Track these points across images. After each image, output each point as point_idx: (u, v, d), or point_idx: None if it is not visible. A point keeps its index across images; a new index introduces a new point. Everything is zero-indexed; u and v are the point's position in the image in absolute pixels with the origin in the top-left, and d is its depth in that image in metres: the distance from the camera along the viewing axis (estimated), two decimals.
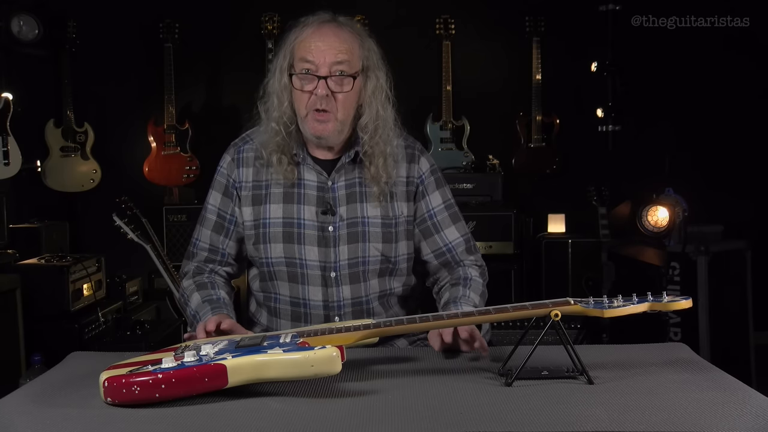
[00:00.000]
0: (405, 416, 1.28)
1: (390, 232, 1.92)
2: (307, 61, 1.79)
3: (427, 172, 1.98)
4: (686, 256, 3.71)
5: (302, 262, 1.89)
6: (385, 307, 1.98)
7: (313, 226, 1.89)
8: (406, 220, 1.94)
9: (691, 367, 1.55)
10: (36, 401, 1.41)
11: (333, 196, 1.90)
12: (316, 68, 1.79)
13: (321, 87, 1.78)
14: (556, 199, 4.60)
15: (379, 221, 1.91)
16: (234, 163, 1.94)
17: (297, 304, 1.92)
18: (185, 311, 1.98)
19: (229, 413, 1.31)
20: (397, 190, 1.93)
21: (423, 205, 1.97)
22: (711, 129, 4.57)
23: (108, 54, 4.60)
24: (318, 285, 1.89)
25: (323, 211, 1.88)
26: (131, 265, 4.06)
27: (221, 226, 1.96)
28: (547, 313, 1.47)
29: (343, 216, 1.89)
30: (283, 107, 1.85)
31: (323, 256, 1.88)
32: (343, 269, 1.89)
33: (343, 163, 1.91)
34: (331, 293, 1.90)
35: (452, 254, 1.99)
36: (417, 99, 4.51)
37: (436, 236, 1.98)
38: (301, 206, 1.89)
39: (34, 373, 2.55)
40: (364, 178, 1.91)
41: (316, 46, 1.79)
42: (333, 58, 1.78)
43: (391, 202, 1.92)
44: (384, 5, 4.66)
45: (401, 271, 1.98)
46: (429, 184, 1.97)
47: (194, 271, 1.98)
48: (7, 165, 3.77)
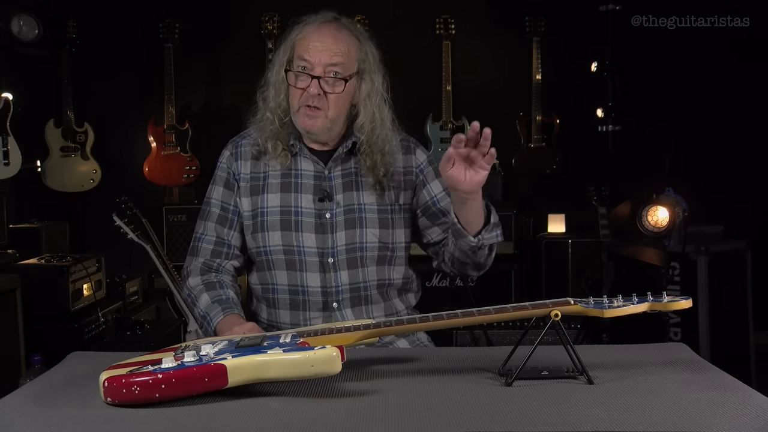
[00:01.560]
0: (405, 416, 1.28)
1: (386, 218, 1.95)
2: (303, 60, 1.86)
3: (424, 162, 2.03)
4: (686, 256, 3.71)
5: (300, 249, 1.91)
6: (384, 297, 1.98)
7: (311, 214, 1.92)
8: (402, 208, 1.98)
9: (691, 367, 1.55)
10: (36, 401, 1.41)
11: (330, 184, 1.94)
12: (311, 67, 1.85)
13: (313, 86, 1.85)
14: (556, 199, 4.60)
15: (375, 207, 1.95)
16: (233, 157, 2.00)
17: (295, 292, 1.93)
18: (192, 310, 1.98)
19: (229, 413, 1.31)
20: (393, 179, 1.97)
21: (426, 194, 2.01)
22: (711, 129, 4.57)
23: (108, 54, 4.60)
24: (316, 271, 1.91)
25: (320, 198, 1.92)
26: (131, 265, 4.06)
27: (225, 218, 1.98)
28: (547, 313, 1.47)
29: (340, 203, 1.93)
30: (279, 98, 1.92)
31: (321, 243, 1.91)
32: (340, 254, 1.91)
33: (340, 153, 1.95)
34: (329, 279, 1.91)
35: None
36: (417, 99, 4.51)
37: (443, 219, 2.00)
38: (298, 195, 1.93)
39: (34, 373, 2.55)
40: (360, 169, 1.95)
41: (313, 46, 1.85)
42: (328, 60, 1.85)
43: (387, 191, 1.97)
44: (384, 5, 4.66)
45: (399, 260, 2.00)
46: (428, 173, 2.02)
47: (201, 269, 1.98)
48: (7, 165, 3.77)
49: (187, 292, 1.99)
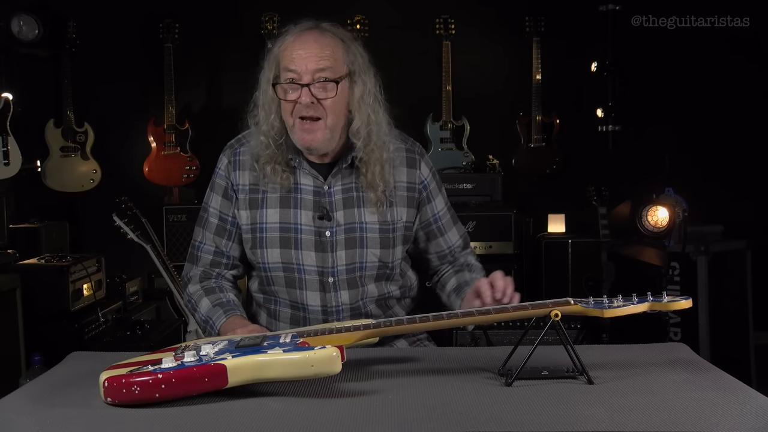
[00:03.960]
0: (405, 416, 1.28)
1: (388, 238, 1.91)
2: (289, 70, 1.77)
3: (429, 177, 1.97)
4: (686, 256, 3.71)
5: (300, 267, 1.88)
6: (383, 308, 1.98)
7: (310, 231, 1.87)
8: (404, 225, 1.93)
9: (691, 367, 1.55)
10: (36, 401, 1.41)
11: (330, 200, 1.88)
12: (299, 76, 1.76)
13: (305, 95, 1.76)
14: (556, 199, 4.60)
15: (377, 227, 1.89)
16: (231, 166, 1.93)
17: (296, 308, 1.92)
18: (194, 316, 1.97)
19: (229, 413, 1.31)
20: (396, 195, 1.91)
21: (428, 210, 1.98)
22: (711, 129, 4.57)
23: (108, 54, 4.60)
24: (316, 290, 1.88)
25: (320, 216, 1.87)
26: (131, 265, 4.06)
27: (223, 230, 1.94)
28: (547, 313, 1.47)
29: (341, 221, 1.88)
30: (270, 119, 1.83)
31: (321, 261, 1.87)
32: (341, 274, 1.88)
33: (340, 167, 1.89)
34: (330, 298, 1.89)
35: (452, 253, 2.05)
36: (417, 99, 4.51)
37: (440, 239, 2.01)
38: (297, 211, 1.88)
39: (34, 373, 2.55)
40: (360, 184, 1.89)
41: (297, 54, 1.77)
42: (315, 65, 1.76)
43: (389, 208, 1.91)
44: (384, 5, 4.66)
45: (397, 275, 1.98)
46: (432, 189, 1.98)
47: (201, 276, 1.97)
48: (7, 165, 3.77)
49: (188, 298, 1.98)
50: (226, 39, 4.69)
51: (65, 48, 4.40)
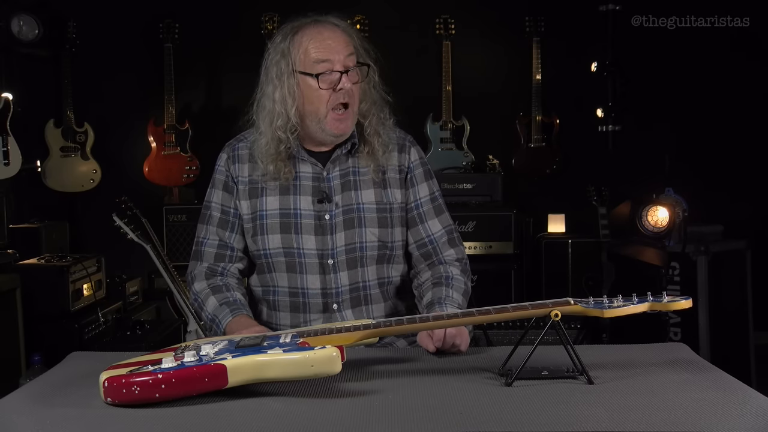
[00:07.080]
0: (405, 416, 1.28)
1: (385, 218, 1.94)
2: (323, 61, 1.81)
3: (416, 162, 2.01)
4: (686, 256, 3.71)
5: (300, 251, 1.90)
6: (384, 296, 1.98)
7: (310, 215, 1.91)
8: (399, 206, 1.97)
9: (691, 367, 1.55)
10: (36, 401, 1.41)
11: (329, 185, 1.92)
12: (332, 65, 1.81)
13: (345, 81, 1.82)
14: (556, 199, 4.60)
15: (374, 206, 1.93)
16: (230, 160, 1.97)
17: (295, 294, 1.93)
18: (199, 314, 1.98)
19: (229, 413, 1.31)
20: (390, 177, 1.96)
21: (411, 195, 2.00)
22: (711, 129, 4.57)
23: (108, 54, 4.60)
24: (316, 273, 1.90)
25: (319, 199, 1.91)
26: (131, 265, 4.06)
27: (226, 222, 1.97)
28: (547, 313, 1.47)
29: (339, 203, 1.92)
30: (290, 112, 1.84)
31: (320, 244, 1.90)
32: (340, 255, 1.90)
33: (339, 154, 1.93)
34: (329, 280, 1.91)
35: (433, 246, 2.00)
36: (417, 99, 4.51)
37: (420, 227, 2.00)
38: (297, 197, 1.92)
39: (34, 373, 2.55)
40: (358, 167, 1.94)
41: (327, 45, 1.82)
42: (345, 52, 1.82)
43: (385, 189, 1.95)
44: (384, 5, 4.66)
45: (398, 259, 2.00)
46: (417, 174, 2.00)
47: (206, 274, 1.97)
48: (7, 165, 3.77)
49: (194, 297, 1.98)
50: (226, 39, 4.69)
51: (65, 48, 4.40)
